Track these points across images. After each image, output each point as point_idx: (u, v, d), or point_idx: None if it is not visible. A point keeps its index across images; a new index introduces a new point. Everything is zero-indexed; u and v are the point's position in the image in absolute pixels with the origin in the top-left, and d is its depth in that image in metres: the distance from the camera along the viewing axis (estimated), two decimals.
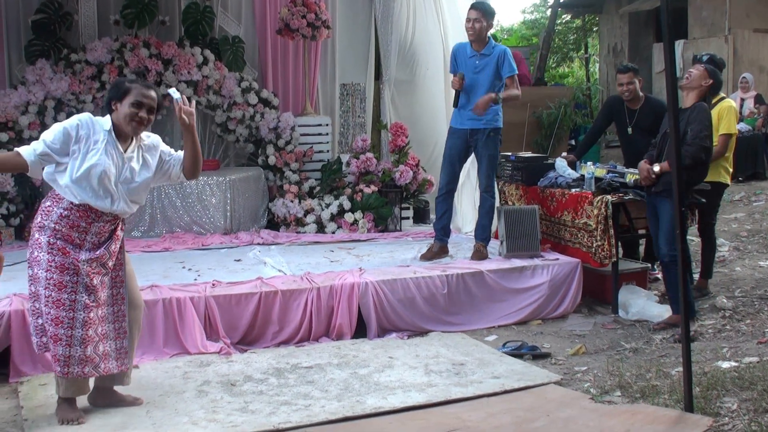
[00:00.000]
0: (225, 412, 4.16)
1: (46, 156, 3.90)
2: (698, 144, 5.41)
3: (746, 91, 12.25)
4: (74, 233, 3.94)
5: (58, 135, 3.90)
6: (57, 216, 3.93)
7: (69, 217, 3.93)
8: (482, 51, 6.45)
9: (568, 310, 6.16)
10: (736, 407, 4.02)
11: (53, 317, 3.89)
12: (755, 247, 8.02)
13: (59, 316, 3.89)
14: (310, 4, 8.28)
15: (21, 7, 7.81)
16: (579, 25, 22.18)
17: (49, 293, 3.89)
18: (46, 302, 3.90)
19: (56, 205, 3.95)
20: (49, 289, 3.89)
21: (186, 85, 7.93)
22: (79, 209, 3.94)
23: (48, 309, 3.89)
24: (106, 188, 3.97)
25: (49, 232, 3.91)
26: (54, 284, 3.89)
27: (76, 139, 3.92)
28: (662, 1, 3.93)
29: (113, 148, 3.99)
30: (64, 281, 3.90)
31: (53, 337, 3.90)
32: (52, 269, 3.89)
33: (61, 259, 3.90)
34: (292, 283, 5.61)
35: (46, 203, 3.99)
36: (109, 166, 3.95)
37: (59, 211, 3.94)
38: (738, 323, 5.73)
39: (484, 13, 6.42)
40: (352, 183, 8.22)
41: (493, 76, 6.42)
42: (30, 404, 4.31)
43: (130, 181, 4.06)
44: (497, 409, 4.25)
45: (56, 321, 3.90)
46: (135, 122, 4.03)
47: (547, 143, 13.28)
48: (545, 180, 6.80)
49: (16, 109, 7.32)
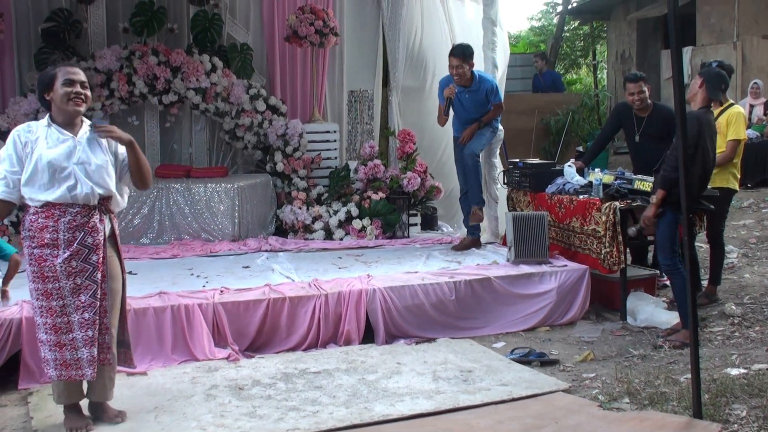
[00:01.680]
0: (233, 417, 4.17)
1: (15, 181, 3.93)
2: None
3: (756, 98, 12.21)
4: (45, 235, 3.92)
5: (10, 159, 3.92)
6: (28, 223, 3.95)
7: (36, 221, 3.93)
8: (470, 87, 7.04)
9: (577, 317, 6.15)
10: (745, 414, 4.00)
11: (51, 325, 3.92)
12: (764, 254, 7.99)
13: (55, 323, 3.92)
14: (318, 11, 8.31)
15: (31, 15, 7.85)
16: (587, 32, 22.18)
17: (40, 303, 3.93)
18: (40, 312, 3.94)
19: (26, 214, 3.98)
20: (40, 299, 3.93)
21: (194, 92, 7.96)
22: (42, 209, 3.94)
23: (44, 318, 3.93)
24: (61, 177, 3.92)
25: (28, 242, 3.94)
26: (42, 293, 3.93)
27: (23, 148, 3.92)
28: (670, 8, 3.93)
29: (58, 134, 3.97)
30: (48, 289, 3.92)
31: (51, 343, 3.93)
32: (38, 279, 3.93)
33: (40, 267, 3.92)
34: (300, 290, 5.62)
35: (22, 215, 4.05)
36: (54, 152, 3.91)
37: (28, 218, 3.96)
38: (747, 330, 5.71)
39: (464, 58, 6.96)
40: (360, 190, 8.23)
41: (480, 106, 7.11)
42: (40, 415, 4.31)
43: (86, 162, 3.98)
44: (505, 416, 4.24)
45: (54, 328, 3.93)
46: (73, 100, 3.97)
47: (555, 150, 13.27)
48: (553, 186, 6.80)
49: (26, 117, 7.34)
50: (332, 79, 9.06)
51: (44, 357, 3.97)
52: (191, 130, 8.49)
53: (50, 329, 3.93)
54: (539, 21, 26.13)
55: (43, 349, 3.97)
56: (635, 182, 6.23)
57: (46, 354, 3.95)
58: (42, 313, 3.94)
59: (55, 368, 3.94)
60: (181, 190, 7.60)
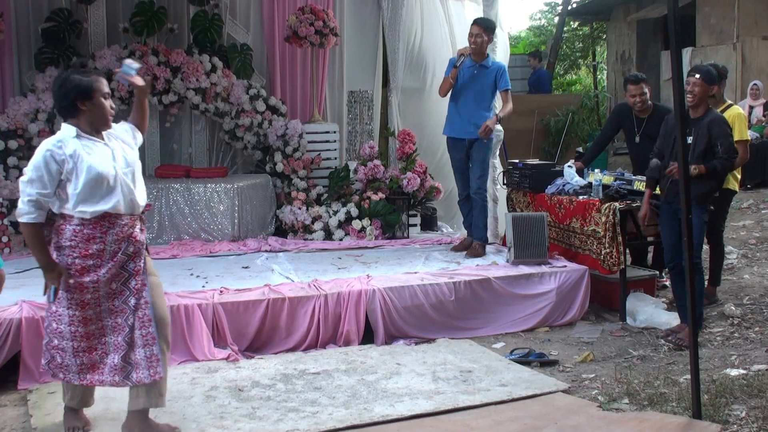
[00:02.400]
0: (232, 418, 4.17)
1: (45, 203, 3.74)
2: (732, 158, 5.45)
3: (756, 99, 12.21)
4: (92, 246, 3.77)
5: (42, 180, 3.71)
6: (70, 233, 3.76)
7: (82, 231, 3.76)
8: (481, 63, 6.91)
9: (576, 318, 6.15)
10: (744, 415, 4.01)
11: (81, 334, 3.79)
12: (764, 254, 8.00)
13: (87, 331, 3.80)
14: (318, 11, 8.31)
15: (31, 15, 7.85)
16: (587, 33, 22.17)
17: (71, 312, 3.78)
18: (71, 321, 3.78)
19: (67, 223, 3.79)
20: (72, 308, 3.78)
21: (194, 93, 7.95)
22: (91, 221, 3.78)
23: (72, 327, 3.78)
24: (110, 187, 3.80)
25: (67, 251, 3.76)
26: (77, 303, 3.78)
27: (58, 167, 3.72)
28: (670, 9, 3.93)
29: (92, 144, 3.83)
30: (86, 299, 3.78)
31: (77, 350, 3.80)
32: (74, 289, 3.77)
33: (81, 277, 3.76)
34: (300, 290, 5.62)
35: (58, 221, 3.82)
36: (101, 164, 3.78)
37: (71, 228, 3.77)
38: (746, 331, 5.72)
39: (485, 28, 6.91)
40: (359, 190, 8.22)
41: (486, 87, 6.92)
42: (39, 413, 4.32)
43: (128, 165, 3.90)
44: (505, 417, 4.25)
45: (86, 335, 3.80)
46: (110, 114, 3.92)
47: (555, 150, 13.28)
48: (553, 187, 6.81)
49: (25, 117, 7.36)
50: (332, 79, 9.06)
51: (62, 363, 3.83)
52: (191, 131, 8.49)
53: (80, 337, 3.78)
54: (539, 20, 26.12)
55: (61, 355, 3.82)
56: (635, 183, 6.24)
57: (66, 360, 3.81)
58: (72, 321, 3.78)
59: (78, 372, 3.82)
60: (181, 190, 7.60)
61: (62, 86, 3.84)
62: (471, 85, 6.91)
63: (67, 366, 3.83)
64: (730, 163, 5.47)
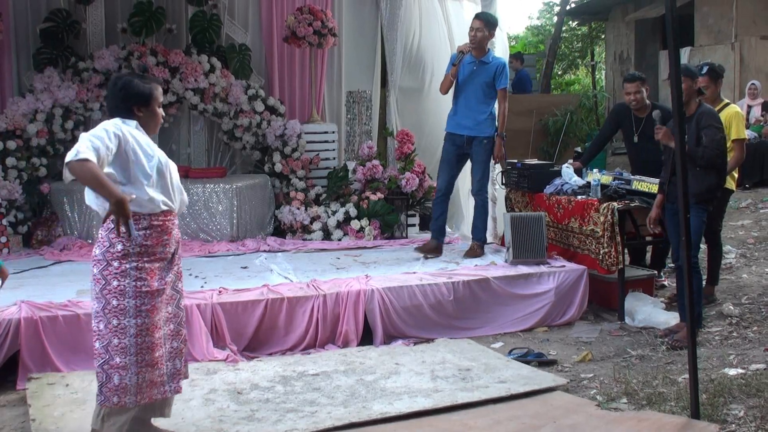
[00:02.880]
0: (231, 422, 4.17)
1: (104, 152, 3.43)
2: (716, 148, 5.42)
3: (754, 98, 12.22)
4: (159, 249, 3.64)
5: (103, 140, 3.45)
6: (141, 237, 3.57)
7: (155, 230, 3.62)
8: (481, 58, 6.86)
9: (575, 317, 6.15)
10: (743, 414, 4.01)
11: (149, 345, 3.59)
12: (762, 254, 8.01)
13: (153, 340, 3.61)
14: (316, 11, 8.31)
15: (29, 15, 7.85)
16: (585, 33, 22.19)
17: (141, 321, 3.57)
18: (138, 332, 3.56)
19: (137, 224, 3.57)
20: (140, 317, 3.57)
21: (193, 93, 7.95)
22: (159, 219, 3.64)
23: (142, 338, 3.57)
24: (170, 183, 3.72)
25: (135, 257, 3.56)
26: (147, 310, 3.58)
27: (117, 140, 3.52)
28: (668, 9, 3.94)
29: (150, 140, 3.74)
30: (156, 303, 3.62)
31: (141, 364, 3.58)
32: (144, 295, 3.57)
33: (150, 282, 3.59)
34: (299, 290, 5.62)
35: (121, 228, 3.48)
36: (162, 155, 3.72)
37: (141, 233, 3.58)
38: (745, 330, 5.72)
39: (486, 23, 6.86)
40: (358, 190, 8.23)
41: (485, 84, 6.85)
42: (38, 403, 4.33)
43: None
44: (503, 415, 4.25)
45: (152, 347, 3.61)
46: (161, 122, 3.92)
47: (554, 150, 13.29)
48: (551, 187, 6.81)
49: (24, 117, 7.36)
50: (331, 79, 9.06)
51: (119, 384, 3.54)
52: (189, 131, 8.49)
53: (146, 348, 3.58)
54: (538, 20, 26.16)
55: (121, 374, 3.54)
56: (633, 183, 6.24)
57: (126, 379, 3.54)
58: (139, 332, 3.56)
59: (137, 393, 3.58)
60: None
61: (123, 89, 3.74)
62: (471, 81, 6.88)
63: (125, 387, 3.56)
64: (710, 153, 5.42)
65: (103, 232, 3.60)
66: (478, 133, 6.85)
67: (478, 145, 6.88)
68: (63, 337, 4.94)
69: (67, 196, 7.28)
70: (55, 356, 4.88)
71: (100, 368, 3.56)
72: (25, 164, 7.35)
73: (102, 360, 3.56)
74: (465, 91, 6.91)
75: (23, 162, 7.34)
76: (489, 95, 6.89)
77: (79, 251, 6.98)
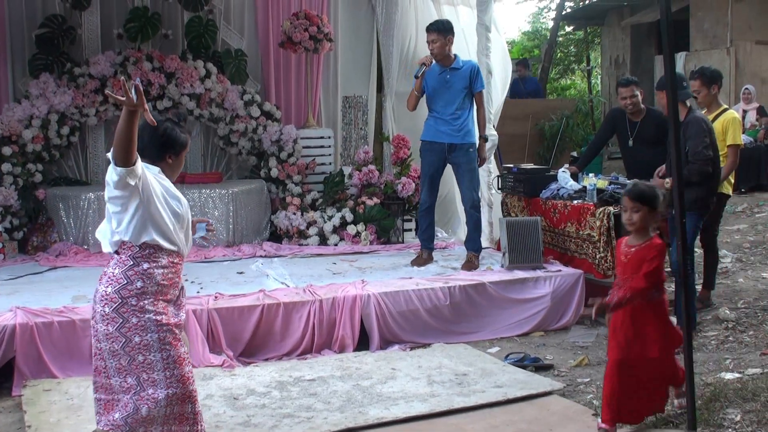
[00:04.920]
0: (228, 427, 4.16)
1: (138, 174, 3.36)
2: (700, 159, 5.45)
3: (748, 103, 12.25)
4: (171, 291, 3.58)
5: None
6: (160, 276, 3.51)
7: (170, 271, 3.57)
8: (451, 66, 6.66)
9: (571, 322, 6.15)
10: (739, 419, 4.01)
11: (179, 377, 3.49)
12: (758, 258, 8.01)
13: (183, 373, 3.51)
14: (312, 17, 8.32)
15: (25, 21, 7.84)
16: (581, 37, 22.22)
17: (167, 354, 3.46)
18: (165, 366, 3.45)
19: (154, 265, 3.50)
20: (165, 350, 3.47)
21: (189, 98, 7.95)
22: (175, 259, 3.61)
23: (170, 372, 3.46)
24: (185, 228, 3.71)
25: (152, 296, 3.48)
26: (170, 342, 3.49)
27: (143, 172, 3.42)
28: (663, 14, 3.95)
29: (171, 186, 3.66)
30: (177, 336, 3.53)
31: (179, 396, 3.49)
32: (164, 328, 3.48)
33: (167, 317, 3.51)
34: (295, 296, 5.62)
35: (142, 265, 3.47)
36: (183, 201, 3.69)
37: (159, 271, 3.51)
38: (741, 334, 5.73)
39: (439, 32, 6.62)
40: (354, 195, 8.23)
41: (461, 90, 6.63)
42: (33, 410, 4.32)
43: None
44: (499, 420, 4.25)
45: (184, 379, 3.51)
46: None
47: (550, 155, 13.29)
48: (547, 191, 6.81)
49: (19, 123, 7.35)
50: (327, 84, 9.07)
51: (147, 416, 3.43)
52: None
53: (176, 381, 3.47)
54: (533, 24, 26.19)
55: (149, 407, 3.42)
56: None
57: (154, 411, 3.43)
58: (167, 365, 3.46)
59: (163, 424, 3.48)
60: None
61: (164, 136, 3.61)
62: (446, 90, 6.64)
63: (152, 419, 3.45)
64: (697, 167, 5.45)
65: (116, 270, 3.48)
66: (461, 140, 6.64)
67: (462, 154, 6.67)
68: (59, 343, 4.93)
69: (62, 202, 7.27)
70: (51, 362, 4.88)
71: (130, 399, 3.42)
72: (21, 170, 7.34)
73: (134, 392, 3.43)
74: (441, 100, 6.66)
75: (19, 168, 7.33)
76: (468, 100, 6.66)
77: (75, 257, 6.97)
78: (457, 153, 6.67)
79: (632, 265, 4.03)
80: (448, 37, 6.63)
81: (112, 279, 3.48)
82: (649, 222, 4.08)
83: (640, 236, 4.08)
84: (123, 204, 3.42)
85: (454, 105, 6.63)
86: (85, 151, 8.03)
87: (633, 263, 4.03)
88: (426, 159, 6.84)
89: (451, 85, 6.64)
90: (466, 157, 6.68)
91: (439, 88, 6.67)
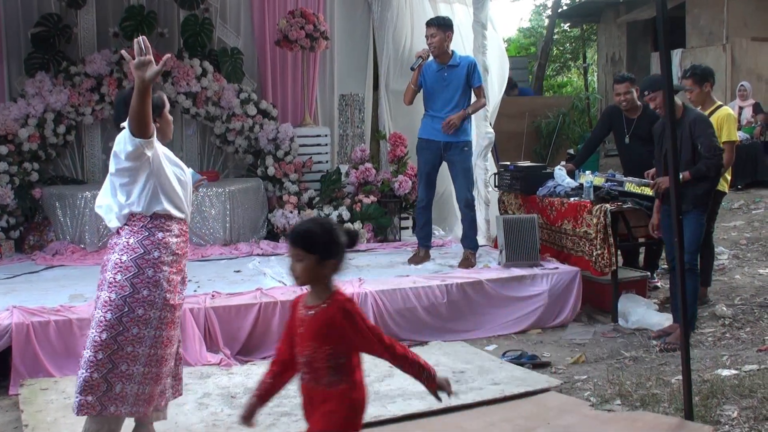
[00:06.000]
0: (225, 426, 4.16)
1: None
2: (718, 154, 5.47)
3: (744, 100, 12.27)
4: (184, 261, 3.59)
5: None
6: (174, 245, 3.51)
7: (179, 244, 3.55)
8: (449, 63, 6.65)
9: (568, 319, 6.16)
10: (736, 415, 4.02)
11: (159, 357, 3.51)
12: (755, 255, 8.03)
13: (164, 354, 3.53)
14: (308, 15, 8.31)
15: (21, 20, 7.82)
16: (577, 35, 22.25)
17: (159, 333, 3.48)
18: (153, 343, 3.47)
19: (168, 234, 3.51)
20: (161, 329, 3.49)
21: (185, 97, 7.94)
22: (184, 227, 3.60)
23: (154, 350, 3.49)
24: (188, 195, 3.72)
25: (168, 266, 3.49)
26: (167, 323, 3.52)
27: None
28: (659, 11, 3.95)
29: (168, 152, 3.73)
30: (175, 318, 3.57)
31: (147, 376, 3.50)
32: (167, 308, 3.49)
33: (174, 296, 3.53)
34: (292, 294, 5.60)
35: (157, 235, 3.47)
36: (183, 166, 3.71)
37: (174, 240, 3.52)
38: (738, 331, 5.74)
39: (438, 26, 6.64)
40: (351, 193, 8.22)
41: (459, 87, 6.63)
42: (30, 409, 4.32)
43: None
44: (497, 417, 4.25)
45: (165, 359, 3.55)
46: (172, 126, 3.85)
47: (546, 152, 13.30)
48: (544, 189, 6.81)
49: (15, 122, 7.33)
50: (323, 82, 9.06)
51: (120, 392, 3.44)
52: (182, 135, 8.46)
53: (155, 361, 3.50)
54: (529, 22, 26.23)
55: (123, 383, 3.44)
56: (626, 184, 6.25)
57: (127, 388, 3.45)
58: (155, 343, 3.47)
59: (133, 404, 3.49)
60: None
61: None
62: (445, 87, 6.64)
63: (124, 396, 3.47)
64: (715, 162, 5.46)
65: (131, 239, 3.45)
66: (456, 139, 6.64)
67: (457, 153, 6.67)
68: (55, 342, 4.92)
69: (59, 201, 7.26)
70: (48, 361, 4.87)
71: (104, 377, 3.42)
72: (17, 169, 7.32)
73: (108, 367, 3.42)
74: (439, 98, 6.67)
75: (15, 167, 7.31)
76: (466, 97, 6.66)
77: (72, 256, 6.96)
78: (452, 151, 6.68)
79: (310, 335, 2.83)
80: (448, 33, 6.64)
81: (127, 248, 3.44)
82: (322, 273, 2.90)
83: (316, 294, 2.89)
84: (132, 175, 3.44)
85: (452, 104, 6.63)
86: (82, 150, 8.01)
87: (310, 333, 2.84)
88: (422, 157, 6.86)
89: (449, 83, 6.64)
90: (460, 155, 6.69)
91: (437, 86, 6.67)
